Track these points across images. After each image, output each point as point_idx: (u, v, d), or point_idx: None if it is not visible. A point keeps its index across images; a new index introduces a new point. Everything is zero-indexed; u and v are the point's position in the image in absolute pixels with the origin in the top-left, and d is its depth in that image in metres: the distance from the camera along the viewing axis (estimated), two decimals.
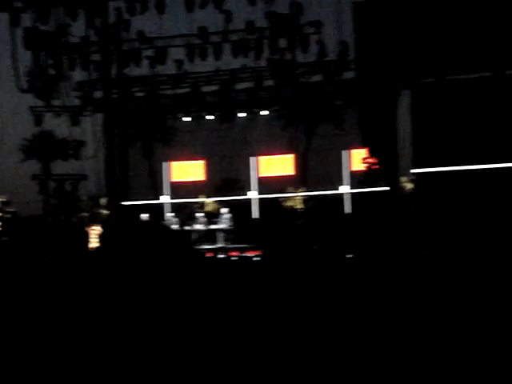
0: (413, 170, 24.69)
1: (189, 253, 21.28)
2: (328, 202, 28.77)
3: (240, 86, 28.15)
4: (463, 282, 12.55)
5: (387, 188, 24.35)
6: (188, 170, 31.61)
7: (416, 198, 24.42)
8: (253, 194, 30.33)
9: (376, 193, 27.47)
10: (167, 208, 30.54)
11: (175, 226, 27.18)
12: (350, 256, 20.34)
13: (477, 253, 17.78)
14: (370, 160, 24.36)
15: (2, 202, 32.50)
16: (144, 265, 16.07)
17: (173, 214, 27.70)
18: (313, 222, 26.27)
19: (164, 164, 31.50)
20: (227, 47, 26.44)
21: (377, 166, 23.96)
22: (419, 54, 23.79)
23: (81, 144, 29.72)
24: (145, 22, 26.66)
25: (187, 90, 28.08)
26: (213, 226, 27.17)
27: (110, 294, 13.03)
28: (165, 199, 31.11)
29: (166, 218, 27.55)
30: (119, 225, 25.53)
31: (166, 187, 31.48)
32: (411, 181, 25.93)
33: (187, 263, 17.62)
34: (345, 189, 29.25)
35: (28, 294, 13.81)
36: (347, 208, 28.97)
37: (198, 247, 26.06)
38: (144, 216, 27.38)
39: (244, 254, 24.15)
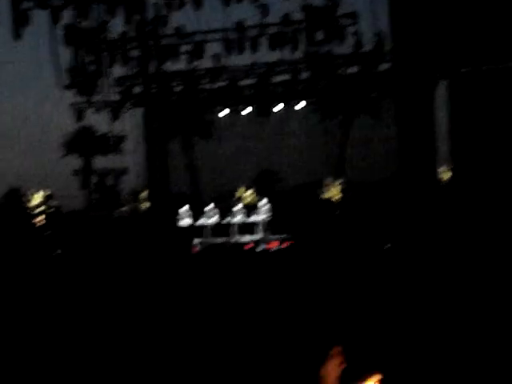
0: (450, 162, 24.63)
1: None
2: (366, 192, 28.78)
3: (277, 78, 28.32)
4: (505, 275, 12.57)
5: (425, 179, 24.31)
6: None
7: (453, 189, 24.36)
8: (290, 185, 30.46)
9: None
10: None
11: (215, 218, 27.43)
12: (388, 247, 20.43)
13: None
14: None
15: (45, 195, 32.99)
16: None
17: (212, 206, 27.94)
18: (350, 213, 26.35)
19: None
20: (264, 41, 26.62)
21: None
22: (456, 43, 23.70)
23: (121, 139, 30.15)
24: (182, 17, 26.96)
25: (225, 83, 28.31)
26: (252, 218, 27.35)
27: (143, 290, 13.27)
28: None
29: (205, 210, 27.80)
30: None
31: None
32: (449, 172, 25.85)
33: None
34: None
35: (72, 287, 14.11)
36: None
37: (236, 241, 26.33)
38: (184, 208, 27.72)
39: (283, 245, 24.34)
